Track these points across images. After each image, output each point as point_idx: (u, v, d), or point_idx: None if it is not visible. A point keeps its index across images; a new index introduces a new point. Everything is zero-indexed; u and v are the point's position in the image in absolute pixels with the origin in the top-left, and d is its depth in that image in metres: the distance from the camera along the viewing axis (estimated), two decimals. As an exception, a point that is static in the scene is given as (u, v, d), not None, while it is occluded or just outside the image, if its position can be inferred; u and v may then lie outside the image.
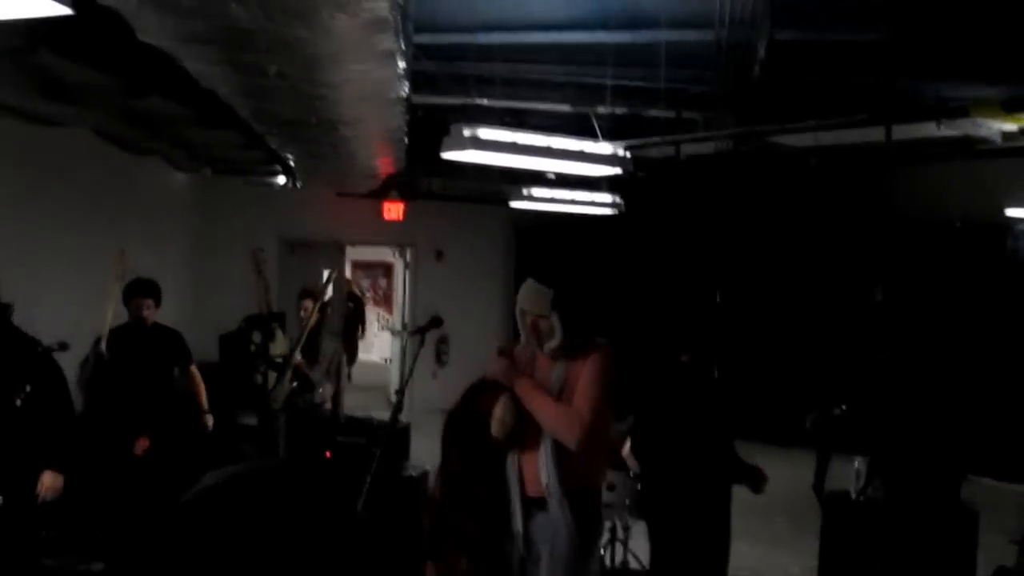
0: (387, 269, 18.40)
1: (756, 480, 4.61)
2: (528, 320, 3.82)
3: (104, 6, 3.29)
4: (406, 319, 13.91)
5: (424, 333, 4.02)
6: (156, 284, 6.20)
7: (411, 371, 4.03)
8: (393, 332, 14.86)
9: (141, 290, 6.05)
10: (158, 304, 6.19)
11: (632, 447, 4.80)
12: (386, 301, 18.84)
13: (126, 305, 6.02)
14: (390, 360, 15.09)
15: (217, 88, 4.86)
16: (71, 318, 7.01)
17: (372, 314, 18.30)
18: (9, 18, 2.60)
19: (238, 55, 4.06)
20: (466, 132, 5.48)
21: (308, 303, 7.03)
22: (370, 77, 4.49)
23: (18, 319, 5.39)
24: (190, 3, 3.34)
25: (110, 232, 8.30)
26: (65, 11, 2.46)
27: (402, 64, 4.42)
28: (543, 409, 3.64)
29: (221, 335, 8.85)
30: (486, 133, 5.57)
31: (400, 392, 4.00)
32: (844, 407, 5.61)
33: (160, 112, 7.34)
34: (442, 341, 13.12)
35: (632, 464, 5.75)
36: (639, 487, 5.29)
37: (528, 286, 3.91)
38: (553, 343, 3.73)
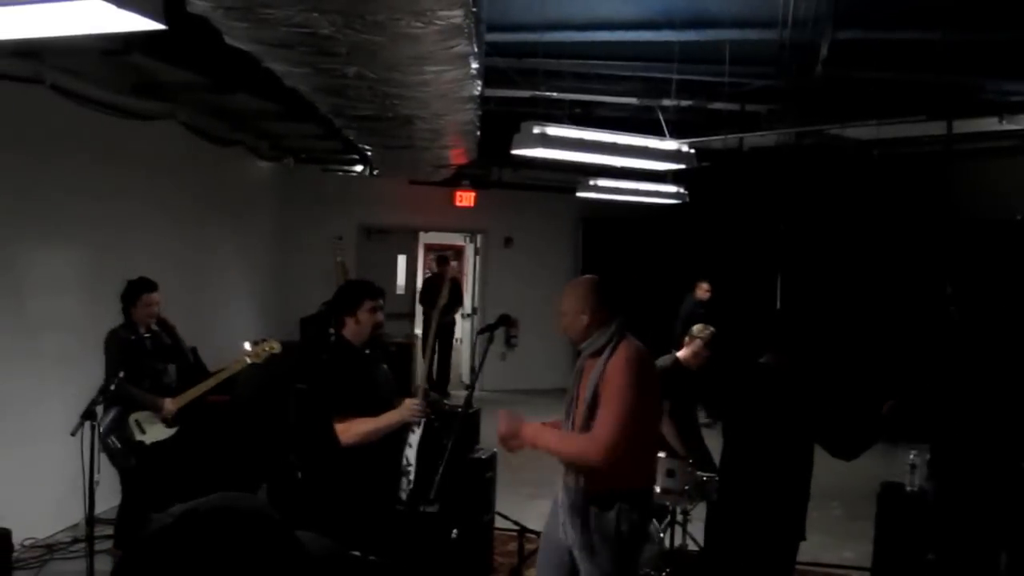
0: (458, 252, 18.63)
1: None
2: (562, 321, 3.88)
3: (194, 13, 3.52)
4: (476, 302, 14.20)
5: (493, 331, 4.05)
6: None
7: (481, 366, 4.08)
8: (463, 314, 15.15)
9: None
10: None
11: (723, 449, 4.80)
12: (457, 283, 19.09)
13: None
14: (460, 340, 15.41)
15: (299, 87, 5.10)
16: (166, 294, 7.42)
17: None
18: (110, 31, 2.85)
19: (319, 59, 4.28)
20: (536, 130, 5.59)
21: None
22: (445, 78, 4.68)
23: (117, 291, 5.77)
24: (274, 12, 3.54)
25: (197, 219, 8.72)
26: (160, 27, 2.71)
27: (475, 65, 4.61)
28: (559, 449, 3.73)
29: (302, 318, 9.20)
30: (554, 130, 5.68)
31: (470, 386, 4.07)
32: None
33: (245, 107, 7.73)
34: (511, 325, 13.35)
35: (680, 449, 5.88)
36: (705, 477, 5.42)
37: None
38: (581, 338, 3.79)
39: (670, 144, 6.39)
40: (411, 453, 4.11)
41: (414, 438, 4.14)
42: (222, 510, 1.16)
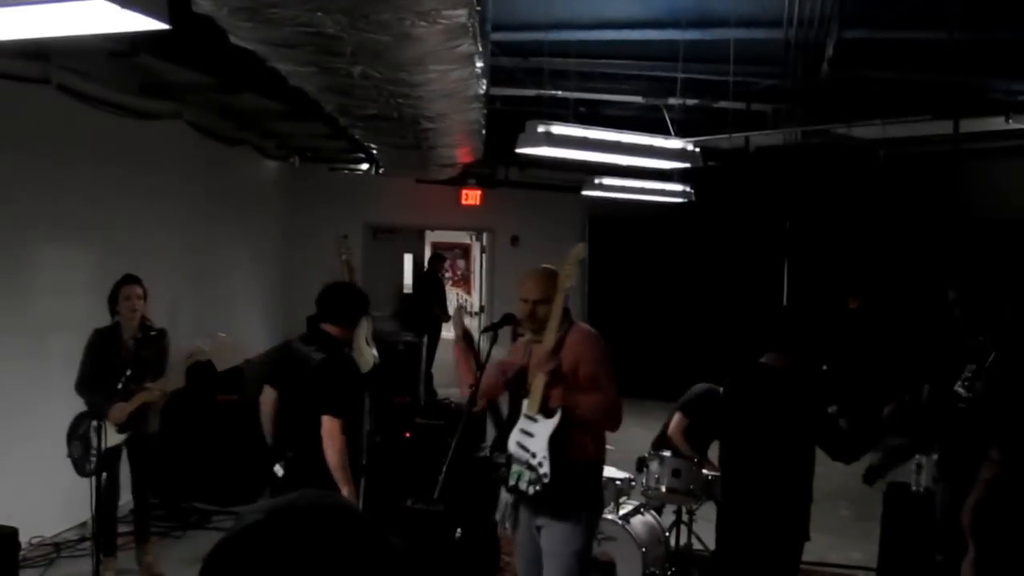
0: (465, 250, 18.60)
1: None
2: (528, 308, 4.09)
3: (200, 13, 3.53)
4: (483, 300, 14.23)
5: (497, 329, 4.10)
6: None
7: (485, 364, 4.10)
8: (471, 312, 15.17)
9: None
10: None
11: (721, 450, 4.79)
12: (464, 281, 19.04)
13: None
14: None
15: (305, 86, 5.09)
16: (173, 294, 7.43)
17: (451, 294, 18.50)
18: (114, 31, 2.86)
19: (324, 58, 4.28)
20: (540, 128, 5.56)
21: None
22: (450, 77, 4.68)
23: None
24: (279, 12, 3.55)
25: (204, 218, 8.73)
26: (163, 27, 2.72)
27: (480, 64, 4.61)
28: (587, 404, 3.85)
29: (308, 316, 9.17)
30: (559, 129, 5.66)
31: (475, 385, 4.01)
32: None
33: (252, 106, 7.73)
34: (516, 324, 13.33)
35: (683, 447, 5.85)
36: (710, 477, 5.40)
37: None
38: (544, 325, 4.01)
39: (676, 143, 6.37)
40: (535, 444, 3.86)
41: (539, 427, 3.87)
42: (314, 507, 1.18)
